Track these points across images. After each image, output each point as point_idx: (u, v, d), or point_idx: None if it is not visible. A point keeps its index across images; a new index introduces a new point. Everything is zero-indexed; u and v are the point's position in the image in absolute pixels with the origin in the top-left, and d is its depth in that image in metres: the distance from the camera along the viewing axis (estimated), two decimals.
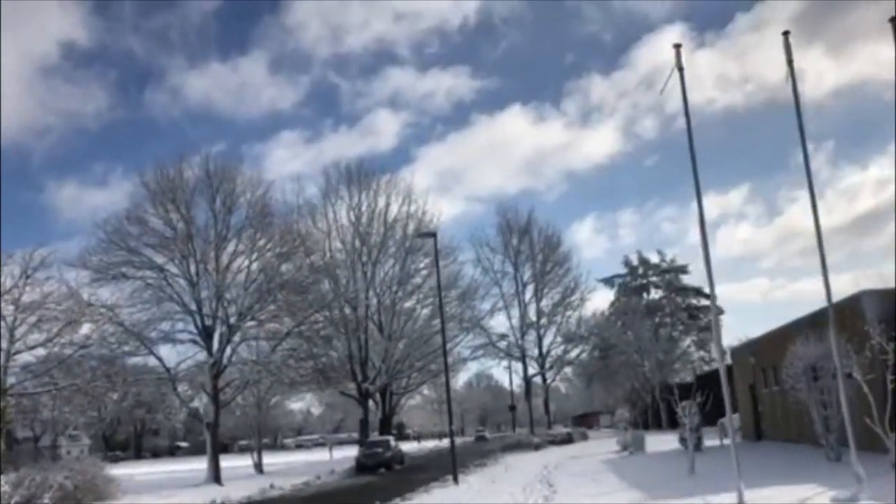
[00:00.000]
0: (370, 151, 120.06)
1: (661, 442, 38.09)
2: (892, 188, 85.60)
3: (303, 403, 69.01)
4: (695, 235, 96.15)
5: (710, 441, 32.27)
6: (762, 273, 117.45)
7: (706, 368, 67.72)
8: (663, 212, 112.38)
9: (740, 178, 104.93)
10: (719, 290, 70.79)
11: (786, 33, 14.73)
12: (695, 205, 13.93)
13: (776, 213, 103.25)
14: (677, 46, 14.80)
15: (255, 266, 34.45)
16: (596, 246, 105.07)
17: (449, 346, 51.00)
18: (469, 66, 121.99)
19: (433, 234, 27.25)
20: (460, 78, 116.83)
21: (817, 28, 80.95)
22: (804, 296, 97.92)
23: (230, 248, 34.41)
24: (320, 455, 59.14)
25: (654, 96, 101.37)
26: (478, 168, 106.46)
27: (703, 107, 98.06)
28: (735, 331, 73.37)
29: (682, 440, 31.99)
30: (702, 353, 72.51)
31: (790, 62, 14.54)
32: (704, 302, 71.59)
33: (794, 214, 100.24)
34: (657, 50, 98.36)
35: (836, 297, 15.01)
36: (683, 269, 72.15)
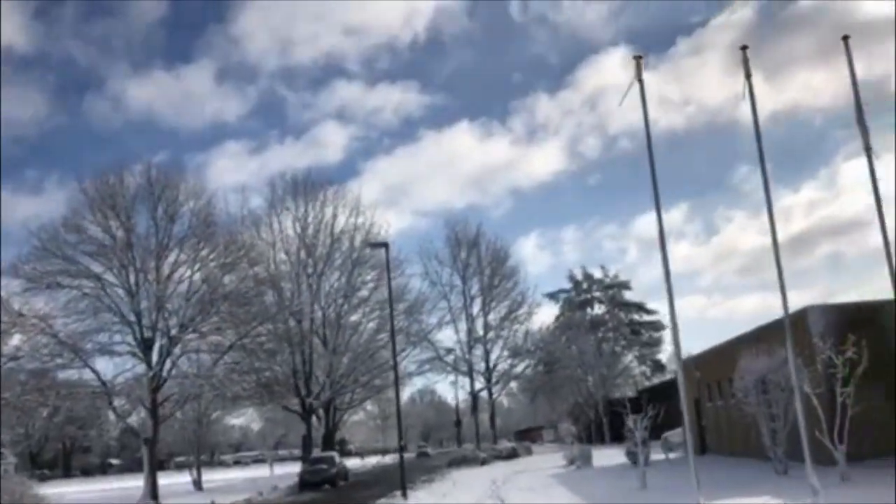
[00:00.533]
0: (317, 164, 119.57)
1: (606, 456, 38.15)
2: (822, 211, 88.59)
3: (243, 419, 67.28)
4: (634, 252, 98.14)
5: (656, 455, 32.43)
6: (699, 290, 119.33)
7: (647, 384, 68.61)
8: (605, 230, 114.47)
9: (679, 198, 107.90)
10: (659, 307, 72.21)
11: (744, 48, 14.85)
12: (636, 222, 14.06)
13: (713, 231, 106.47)
14: (638, 58, 14.80)
15: (197, 276, 33.44)
16: (539, 262, 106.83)
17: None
18: (418, 82, 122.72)
19: (384, 245, 26.81)
20: (409, 93, 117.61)
21: (756, 55, 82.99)
22: (739, 313, 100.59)
23: (172, 257, 33.36)
24: (260, 471, 57.84)
25: (598, 116, 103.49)
26: (425, 183, 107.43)
27: (643, 127, 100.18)
28: (671, 347, 75.23)
29: (630, 454, 32.09)
30: (643, 367, 73.47)
31: (748, 76, 14.64)
32: (647, 317, 72.69)
33: (730, 233, 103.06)
34: (601, 71, 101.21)
35: (773, 315, 15.21)
36: (626, 285, 73.17)
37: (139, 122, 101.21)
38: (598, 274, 73.09)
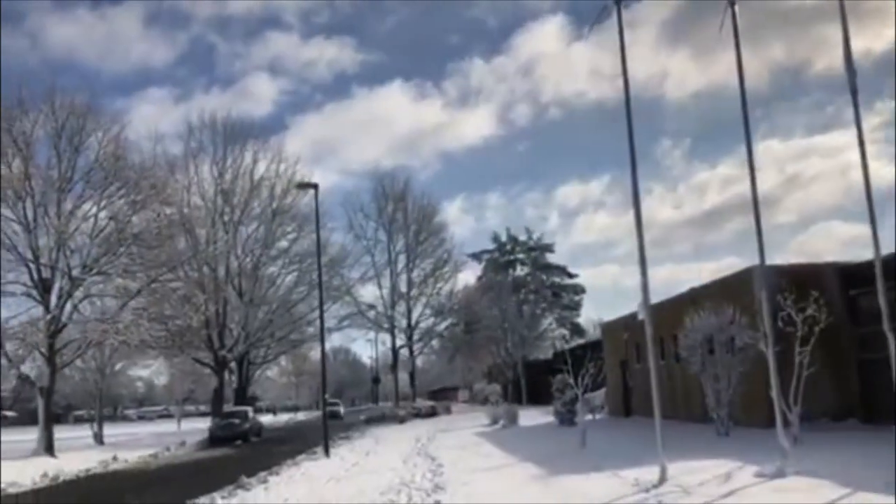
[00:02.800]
0: (243, 115, 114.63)
1: (529, 416, 37.56)
2: (736, 187, 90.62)
3: (148, 372, 64.10)
4: (555, 220, 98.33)
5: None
6: (615, 260, 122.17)
7: (565, 346, 68.75)
8: (528, 197, 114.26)
9: (602, 169, 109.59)
10: (579, 272, 72.70)
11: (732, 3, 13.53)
12: (557, 192, 12.78)
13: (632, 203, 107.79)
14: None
15: (103, 214, 30.51)
16: (463, 226, 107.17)
17: (314, 315, 48.74)
18: (354, 39, 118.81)
19: (314, 185, 24.83)
20: (344, 49, 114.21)
21: (685, 32, 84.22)
22: (651, 283, 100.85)
23: (76, 191, 30.42)
24: (167, 427, 55.33)
25: (531, 83, 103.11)
26: (354, 141, 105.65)
27: (574, 98, 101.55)
28: (588, 312, 77.40)
29: (558, 413, 31.50)
30: (562, 330, 73.60)
31: (736, 34, 13.39)
32: (568, 280, 72.63)
33: (648, 205, 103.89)
34: (538, 39, 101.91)
35: (681, 286, 14.54)
36: (549, 248, 72.79)
37: (58, 61, 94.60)
38: (522, 236, 72.60)
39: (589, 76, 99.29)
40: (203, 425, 43.44)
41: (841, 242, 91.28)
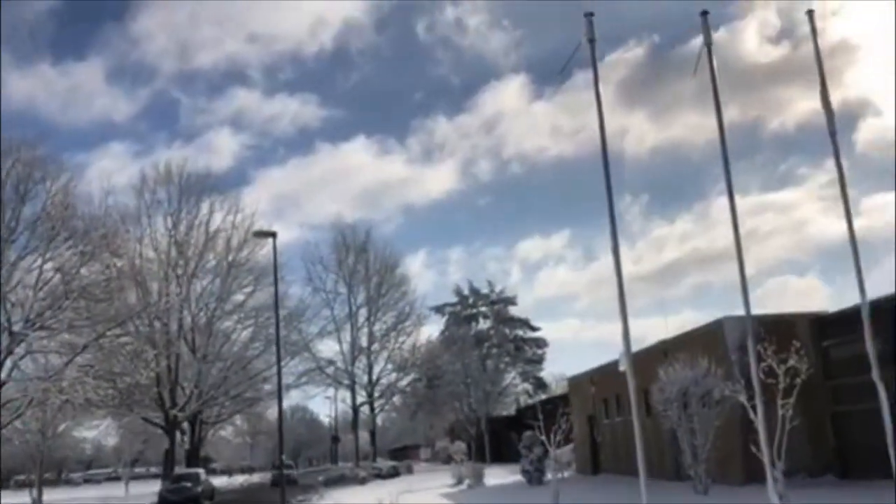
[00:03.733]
0: (199, 168, 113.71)
1: (494, 475, 36.31)
2: (693, 242, 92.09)
3: (95, 433, 61.29)
4: (517, 275, 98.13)
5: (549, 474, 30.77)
6: (575, 314, 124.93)
7: (529, 401, 67.64)
8: (490, 251, 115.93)
9: (563, 224, 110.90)
10: (540, 326, 72.25)
11: (704, 13, 13.24)
12: (519, 246, 12.13)
13: (592, 258, 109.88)
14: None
15: (49, 265, 29.08)
16: (426, 280, 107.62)
17: (271, 372, 47.03)
18: (318, 95, 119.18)
19: (272, 234, 23.84)
20: (308, 105, 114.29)
21: (642, 93, 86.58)
22: (610, 336, 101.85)
23: (20, 242, 28.94)
24: (114, 490, 52.71)
25: (493, 140, 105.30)
26: (316, 195, 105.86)
27: (535, 154, 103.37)
28: (550, 366, 77.65)
29: (525, 472, 30.39)
30: (526, 385, 72.59)
31: (708, 44, 13.03)
32: (531, 334, 71.89)
33: (607, 261, 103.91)
34: (500, 96, 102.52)
35: (638, 342, 14.02)
36: (512, 301, 72.12)
37: (15, 114, 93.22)
38: (484, 289, 71.94)
39: (550, 133, 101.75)
40: (153, 488, 41.29)
41: (795, 296, 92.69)
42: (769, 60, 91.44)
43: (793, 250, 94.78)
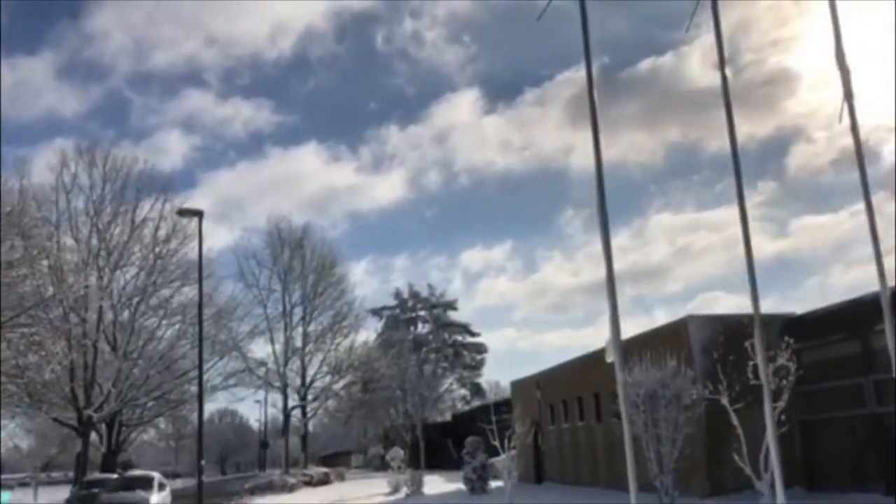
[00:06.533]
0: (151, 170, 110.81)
1: (431, 483, 34.44)
2: (630, 257, 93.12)
3: (4, 434, 57.11)
4: (459, 284, 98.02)
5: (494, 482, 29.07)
6: (512, 324, 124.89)
7: (466, 408, 66.12)
8: (433, 261, 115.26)
9: (505, 236, 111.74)
10: (480, 332, 71.15)
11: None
12: (461, 257, 10.42)
13: (532, 270, 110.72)
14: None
15: None
16: (368, 287, 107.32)
17: (197, 372, 44.06)
18: (274, 100, 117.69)
19: (199, 213, 21.43)
20: (262, 111, 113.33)
21: (588, 112, 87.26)
22: (546, 346, 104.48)
23: None
24: (23, 497, 48.96)
25: (444, 152, 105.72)
26: (264, 200, 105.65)
27: (483, 167, 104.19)
28: (487, 374, 77.69)
29: (468, 480, 28.59)
30: (463, 391, 71.04)
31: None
32: (470, 339, 70.43)
33: (547, 272, 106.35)
34: (453, 109, 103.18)
35: (576, 350, 12.58)
36: (452, 306, 70.63)
37: None
38: (424, 293, 70.07)
39: (498, 147, 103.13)
40: (66, 495, 38.05)
41: (725, 311, 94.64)
42: (711, 85, 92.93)
43: (724, 267, 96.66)
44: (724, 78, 10.53)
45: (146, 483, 27.55)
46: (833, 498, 17.04)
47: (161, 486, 27.83)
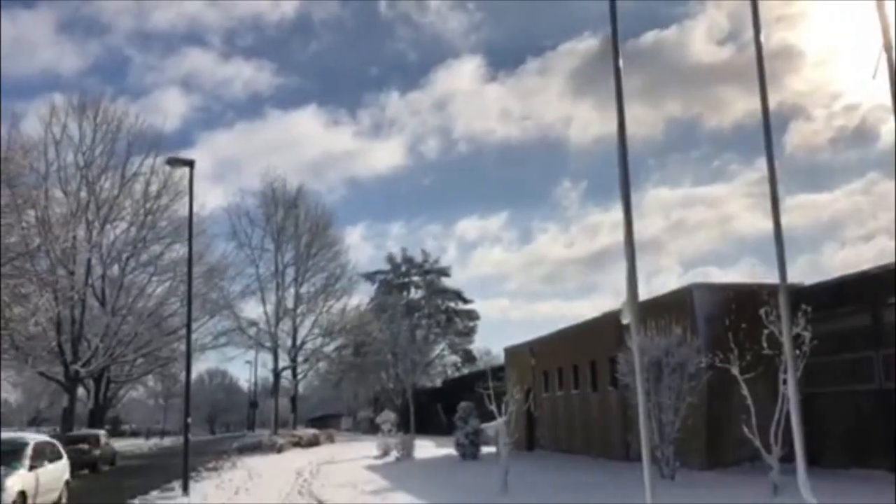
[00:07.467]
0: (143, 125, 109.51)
1: (422, 448, 34.09)
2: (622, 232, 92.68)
3: None
4: (453, 252, 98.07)
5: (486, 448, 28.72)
6: (506, 294, 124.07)
7: (457, 374, 65.95)
8: (429, 228, 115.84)
9: (502, 205, 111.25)
10: (473, 299, 70.74)
11: None
12: (458, 225, 9.65)
13: (527, 240, 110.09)
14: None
15: None
16: (363, 253, 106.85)
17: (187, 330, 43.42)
18: (275, 62, 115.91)
19: (190, 162, 20.55)
20: (262, 72, 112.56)
21: (590, 84, 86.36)
22: (537, 317, 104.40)
23: None
24: None
25: (443, 119, 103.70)
26: (261, 162, 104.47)
27: (482, 136, 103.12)
28: (478, 342, 77.71)
29: (460, 445, 28.18)
30: (454, 357, 70.79)
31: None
32: (463, 306, 70.00)
33: (542, 243, 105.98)
34: (454, 77, 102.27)
35: (567, 320, 11.96)
36: (445, 272, 70.09)
37: None
38: (418, 258, 69.44)
39: (499, 116, 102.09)
40: None
41: None
42: (713, 61, 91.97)
43: (717, 243, 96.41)
44: (758, 42, 9.73)
45: (13, 454, 15.17)
46: (836, 473, 16.58)
47: (39, 456, 16.11)
